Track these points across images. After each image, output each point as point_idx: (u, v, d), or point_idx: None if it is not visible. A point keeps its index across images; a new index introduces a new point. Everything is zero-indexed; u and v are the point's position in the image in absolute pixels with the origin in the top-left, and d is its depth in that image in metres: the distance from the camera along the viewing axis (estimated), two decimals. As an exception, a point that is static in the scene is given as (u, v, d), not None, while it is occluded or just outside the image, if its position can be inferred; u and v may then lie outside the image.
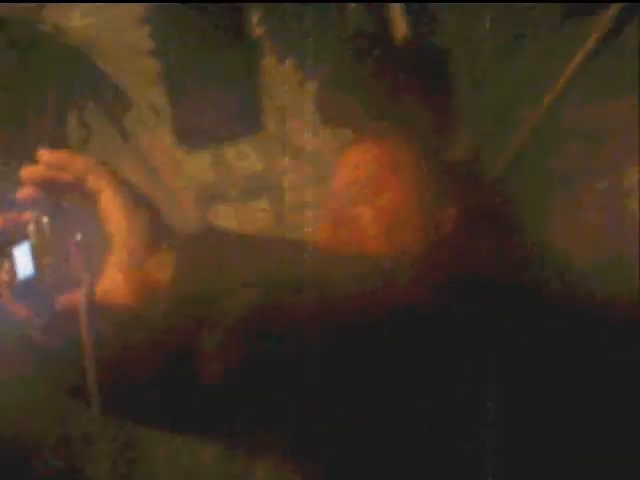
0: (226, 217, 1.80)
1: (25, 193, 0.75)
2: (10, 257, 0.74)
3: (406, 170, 1.21)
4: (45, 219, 0.74)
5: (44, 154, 0.76)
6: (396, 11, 1.41)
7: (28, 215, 0.75)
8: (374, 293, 0.75)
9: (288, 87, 1.61)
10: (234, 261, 0.72)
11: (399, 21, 1.44)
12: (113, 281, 0.69)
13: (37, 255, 0.72)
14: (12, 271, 0.73)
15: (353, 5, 1.42)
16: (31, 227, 0.73)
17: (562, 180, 1.37)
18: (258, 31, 1.66)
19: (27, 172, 0.75)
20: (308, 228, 1.68)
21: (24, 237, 0.73)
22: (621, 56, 1.28)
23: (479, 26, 1.40)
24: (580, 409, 0.66)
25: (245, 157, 1.75)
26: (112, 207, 0.71)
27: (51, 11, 1.94)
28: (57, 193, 0.74)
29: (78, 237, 0.74)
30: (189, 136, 1.79)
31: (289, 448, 0.78)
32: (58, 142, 1.93)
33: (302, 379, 0.66)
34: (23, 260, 0.72)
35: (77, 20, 1.98)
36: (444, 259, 1.13)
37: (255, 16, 1.64)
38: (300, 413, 0.68)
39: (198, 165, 1.80)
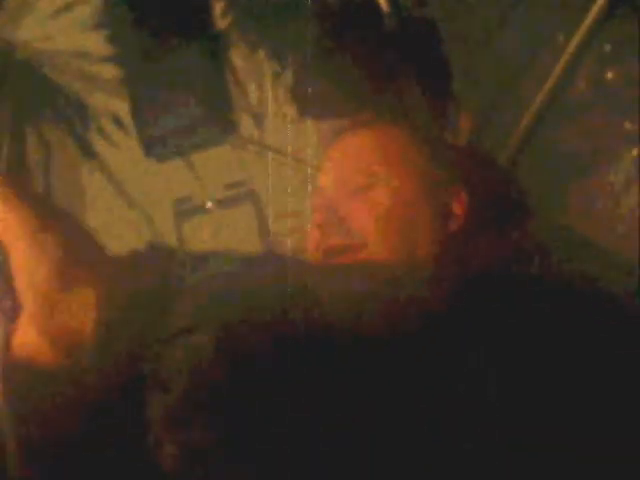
0: (205, 229, 1.64)
1: None
2: None
3: (405, 158, 1.04)
4: None
5: None
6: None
7: None
8: (378, 312, 0.60)
9: (262, 80, 1.46)
10: (185, 294, 0.55)
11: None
12: (26, 331, 0.52)
13: None
14: None
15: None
16: None
17: (575, 165, 1.22)
18: (223, 22, 1.50)
19: None
20: (295, 236, 1.53)
21: None
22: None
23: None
24: (586, 410, 0.59)
25: (220, 164, 1.59)
26: (14, 235, 0.54)
27: (-2, 24, 1.78)
28: None
29: None
30: (157, 146, 1.63)
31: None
32: (15, 163, 1.76)
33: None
34: None
35: (27, 31, 1.83)
36: (459, 258, 0.97)
37: (218, 6, 1.48)
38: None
39: (170, 176, 1.64)
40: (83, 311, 0.54)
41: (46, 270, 0.53)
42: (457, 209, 1.05)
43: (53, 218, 0.58)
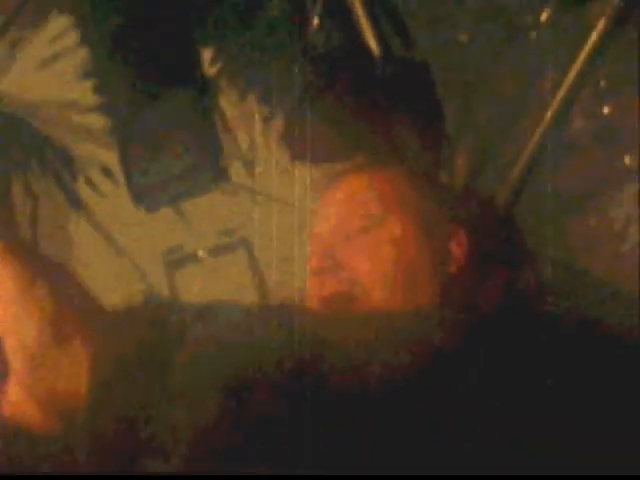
0: (197, 278, 1.60)
1: None
2: None
3: (402, 200, 1.02)
4: None
5: None
6: (364, 23, 1.25)
7: None
8: (387, 361, 0.57)
9: (252, 126, 1.43)
10: (185, 349, 0.52)
11: (368, 34, 1.27)
12: (15, 394, 0.49)
13: None
14: None
15: (316, 24, 1.25)
16: None
17: (573, 202, 1.20)
18: (212, 70, 1.49)
19: None
20: (292, 285, 1.49)
21: None
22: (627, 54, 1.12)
23: (458, 36, 1.24)
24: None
25: (211, 212, 1.56)
26: (3, 291, 0.51)
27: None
28: None
29: None
30: (146, 195, 1.60)
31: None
32: (2, 214, 1.73)
33: None
34: None
35: (13, 82, 1.81)
36: (460, 301, 0.94)
37: (207, 53, 1.47)
38: None
39: (160, 225, 1.61)
40: (76, 371, 0.50)
41: (37, 328, 0.50)
42: (456, 250, 1.02)
43: (43, 271, 0.55)
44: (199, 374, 0.50)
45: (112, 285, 1.60)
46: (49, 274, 0.54)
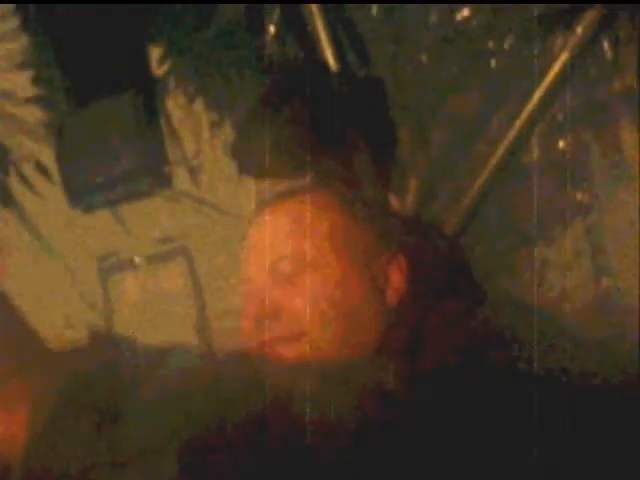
0: (132, 287, 1.53)
1: None
2: None
3: (337, 230, 0.98)
4: None
5: None
6: (321, 34, 1.20)
7: None
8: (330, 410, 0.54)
9: (200, 132, 1.38)
10: (140, 402, 0.47)
11: (325, 45, 1.23)
12: None
13: None
14: None
15: (272, 32, 1.20)
16: None
17: (526, 232, 1.19)
18: (161, 69, 1.42)
19: None
20: (231, 298, 1.44)
21: None
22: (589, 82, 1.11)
23: (418, 56, 1.21)
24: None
25: (151, 218, 1.49)
26: None
27: None
28: None
29: None
30: (84, 196, 1.51)
31: None
32: None
33: None
34: None
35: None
36: (401, 333, 0.92)
37: (156, 51, 1.40)
38: None
39: (96, 229, 1.53)
40: (12, 415, 0.45)
41: None
42: (396, 276, 0.99)
43: None
44: (154, 429, 0.45)
45: (42, 289, 1.52)
46: None
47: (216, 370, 0.55)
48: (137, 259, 1.50)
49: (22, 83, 1.58)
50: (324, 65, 1.26)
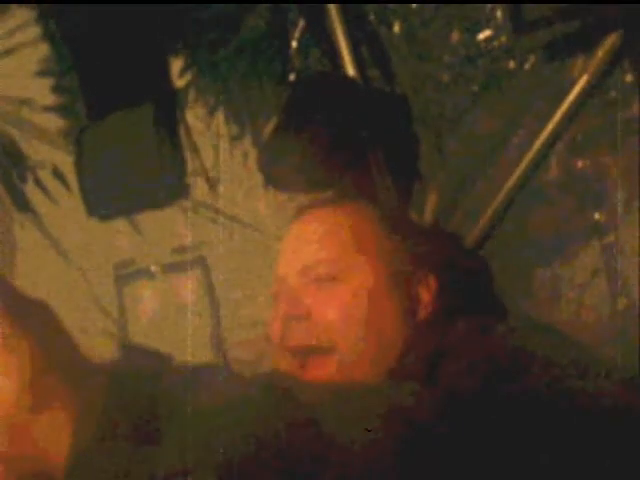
0: (147, 296, 1.55)
1: None
2: None
3: (371, 243, 0.98)
4: None
5: None
6: (344, 49, 1.22)
7: None
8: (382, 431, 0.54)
9: (219, 144, 1.39)
10: (175, 423, 0.47)
11: (347, 61, 1.24)
12: None
13: None
14: None
15: (295, 46, 1.21)
16: None
17: (543, 250, 1.20)
18: (181, 81, 1.44)
19: None
20: (248, 310, 1.45)
21: None
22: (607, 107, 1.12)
23: (440, 75, 1.22)
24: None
25: (168, 227, 1.50)
26: None
27: None
28: None
29: None
30: (101, 204, 1.52)
31: None
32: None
33: None
34: None
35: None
36: (430, 349, 0.92)
37: (177, 63, 1.41)
38: None
39: (113, 238, 1.54)
40: (54, 436, 0.45)
41: (14, 387, 0.44)
42: (425, 296, 1.00)
43: (25, 316, 0.48)
44: (191, 449, 0.46)
45: (57, 295, 1.53)
46: (31, 322, 0.47)
47: (246, 389, 0.56)
48: (153, 268, 1.51)
49: (41, 91, 1.59)
50: (346, 79, 1.28)
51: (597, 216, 1.13)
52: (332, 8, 1.26)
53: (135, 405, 0.48)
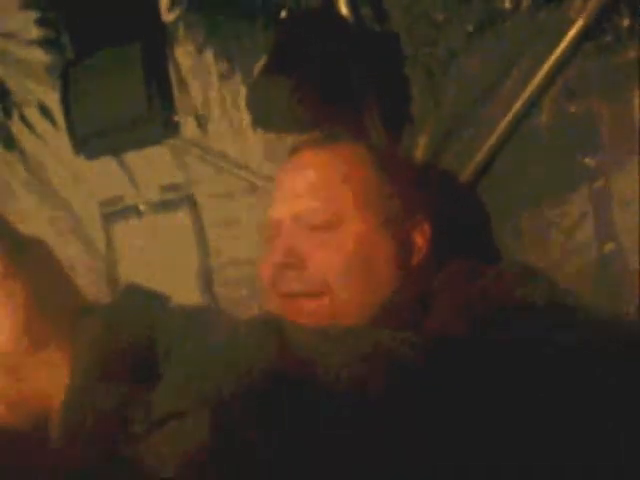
0: (135, 235, 1.54)
1: None
2: None
3: (368, 184, 0.98)
4: None
5: None
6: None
7: None
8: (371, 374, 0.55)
9: (209, 82, 1.37)
10: (170, 364, 0.48)
11: (340, 1, 1.22)
12: None
13: None
14: None
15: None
16: None
17: (533, 192, 1.20)
18: (169, 16, 1.40)
19: None
20: (235, 250, 1.45)
21: None
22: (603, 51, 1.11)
23: (434, 14, 1.20)
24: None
25: (157, 165, 1.49)
26: None
27: None
28: None
29: None
30: (88, 141, 1.51)
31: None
32: None
33: None
34: None
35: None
36: (422, 296, 0.93)
37: (166, -2, 1.38)
38: None
39: (101, 175, 1.53)
40: (51, 377, 0.45)
41: (12, 327, 0.45)
42: (419, 241, 1.00)
43: (22, 255, 0.48)
44: (187, 391, 0.46)
45: (45, 233, 1.52)
46: (28, 260, 0.47)
47: (239, 331, 0.57)
48: (142, 206, 1.51)
49: (25, 25, 1.55)
50: (338, 18, 1.25)
51: (587, 161, 1.13)
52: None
53: (131, 346, 0.49)
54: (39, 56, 1.57)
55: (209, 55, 1.38)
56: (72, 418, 0.45)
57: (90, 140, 1.50)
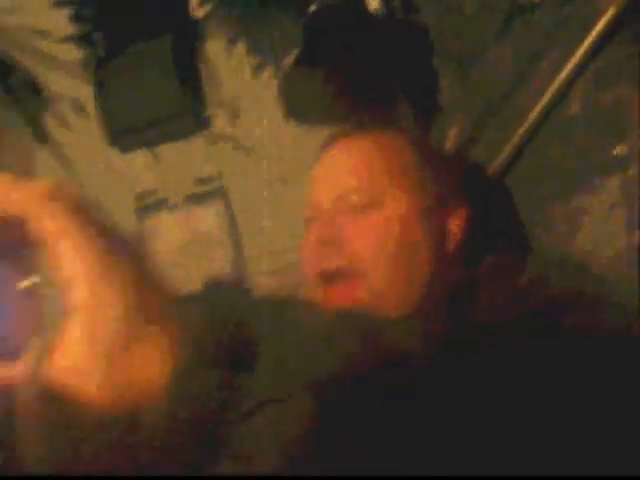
0: (168, 227, 1.57)
1: None
2: None
3: (406, 171, 1.00)
4: None
5: None
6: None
7: None
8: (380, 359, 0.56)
9: (240, 75, 1.39)
10: (267, 350, 0.49)
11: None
12: (75, 361, 0.44)
13: None
14: None
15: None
16: None
17: (563, 183, 1.21)
18: (200, 11, 1.42)
19: None
20: (264, 241, 1.47)
21: None
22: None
23: (463, 6, 1.21)
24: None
25: (189, 159, 1.51)
26: (79, 265, 0.45)
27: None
28: None
29: (25, 283, 0.49)
30: (122, 135, 1.54)
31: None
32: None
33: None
34: None
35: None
36: (456, 283, 0.94)
37: (197, -6, 1.40)
38: None
39: (134, 168, 1.55)
40: (151, 365, 0.46)
41: (114, 318, 0.45)
42: (455, 228, 1.02)
43: (119, 249, 0.49)
44: (281, 378, 0.47)
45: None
46: (125, 255, 0.49)
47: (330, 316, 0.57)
48: (174, 199, 1.53)
49: (59, 21, 1.58)
50: (368, 10, 1.27)
51: (618, 150, 1.14)
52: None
53: (227, 332, 0.50)
54: (72, 52, 1.60)
55: (240, 49, 1.40)
56: (176, 403, 0.46)
57: (123, 134, 1.53)
